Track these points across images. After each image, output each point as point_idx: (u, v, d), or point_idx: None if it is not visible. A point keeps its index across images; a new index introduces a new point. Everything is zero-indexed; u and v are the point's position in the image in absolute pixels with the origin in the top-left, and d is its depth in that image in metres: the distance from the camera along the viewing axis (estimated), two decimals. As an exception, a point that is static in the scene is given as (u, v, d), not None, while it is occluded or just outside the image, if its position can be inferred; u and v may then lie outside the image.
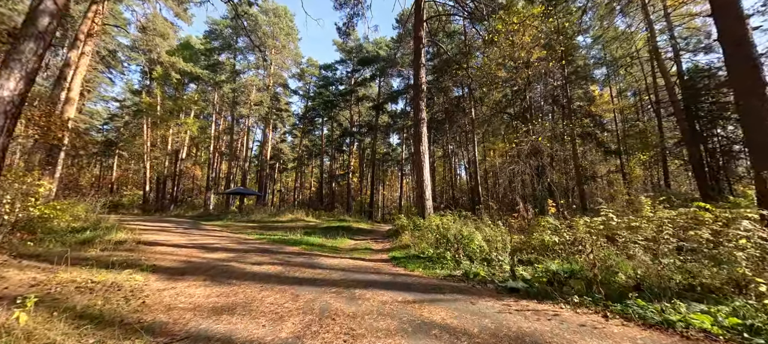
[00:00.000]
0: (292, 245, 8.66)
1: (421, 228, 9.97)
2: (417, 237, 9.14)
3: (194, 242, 8.22)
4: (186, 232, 10.61)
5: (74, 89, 18.04)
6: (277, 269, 5.31)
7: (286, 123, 42.53)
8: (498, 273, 5.33)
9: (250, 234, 11.42)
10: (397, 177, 55.35)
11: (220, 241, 8.65)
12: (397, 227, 11.20)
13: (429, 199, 11.17)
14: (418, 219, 10.55)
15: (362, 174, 43.50)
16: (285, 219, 18.77)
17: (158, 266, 5.00)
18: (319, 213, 29.93)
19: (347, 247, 9.23)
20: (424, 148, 11.65)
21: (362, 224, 18.34)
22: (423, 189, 11.19)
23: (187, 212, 28.17)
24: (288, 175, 58.00)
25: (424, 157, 11.55)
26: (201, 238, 9.14)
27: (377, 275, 5.20)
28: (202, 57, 31.57)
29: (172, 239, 8.56)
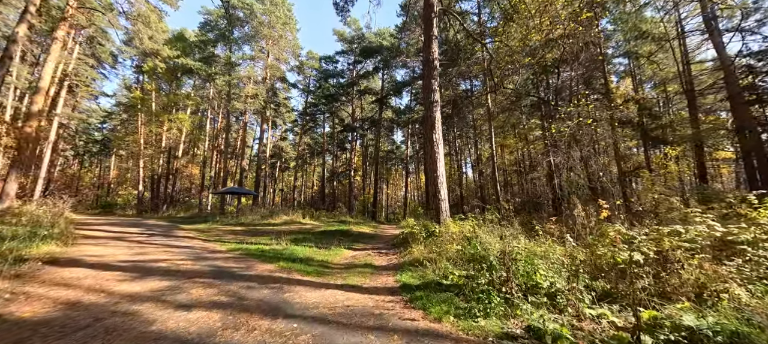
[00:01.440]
0: (268, 261, 6.44)
1: (437, 237, 7.71)
2: (433, 251, 6.87)
3: (137, 258, 6.03)
4: (145, 242, 8.42)
5: (45, 78, 15.98)
6: (211, 321, 3.07)
7: (286, 120, 40.40)
8: (587, 327, 3.05)
9: (226, 242, 9.21)
10: (401, 175, 53.10)
11: (175, 256, 6.45)
12: (406, 234, 8.92)
13: (444, 200, 8.89)
14: (432, 225, 8.27)
15: (365, 172, 41.27)
16: (278, 222, 16.58)
17: (7, 317, 2.82)
18: (319, 213, 27.74)
19: (342, 262, 6.98)
20: (437, 137, 9.36)
21: (364, 227, 16.10)
22: (437, 188, 8.91)
23: (179, 213, 26.14)
24: (290, 174, 56.02)
25: (437, 148, 9.27)
26: (154, 251, 6.95)
27: (382, 335, 2.93)
28: (196, 50, 29.51)
29: (113, 253, 6.40)
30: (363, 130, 28.82)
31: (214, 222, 15.76)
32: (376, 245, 10.11)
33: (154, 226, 12.88)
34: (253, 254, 7.17)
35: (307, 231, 13.34)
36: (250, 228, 13.69)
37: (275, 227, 14.62)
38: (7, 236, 6.39)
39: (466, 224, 8.06)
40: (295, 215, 18.78)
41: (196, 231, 12.20)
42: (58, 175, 45.72)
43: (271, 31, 26.04)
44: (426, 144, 9.66)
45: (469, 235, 7.48)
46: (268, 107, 28.75)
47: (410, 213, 28.48)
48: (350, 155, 33.76)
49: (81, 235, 9.02)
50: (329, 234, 12.14)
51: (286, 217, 18.01)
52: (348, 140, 34.49)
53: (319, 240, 10.68)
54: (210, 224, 15.16)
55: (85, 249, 6.84)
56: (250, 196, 29.46)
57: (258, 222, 16.20)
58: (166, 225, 13.98)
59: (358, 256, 7.87)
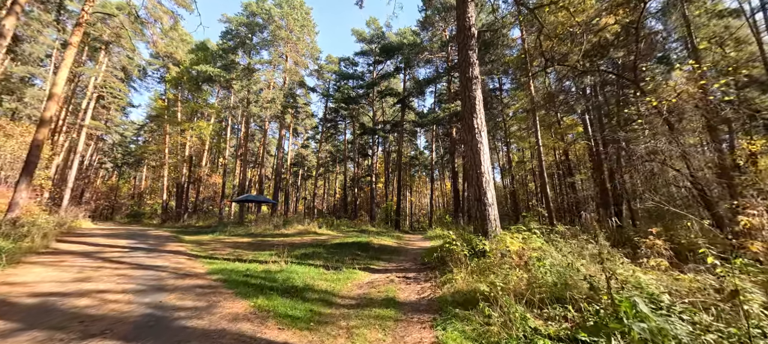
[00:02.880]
0: (246, 295, 4.40)
1: (488, 258, 5.37)
2: (487, 280, 4.54)
3: (67, 289, 4.22)
4: (114, 260, 6.69)
5: (58, 84, 15.19)
6: None
7: (306, 127, 39.29)
8: None
9: (215, 260, 7.32)
10: (425, 182, 50.44)
11: (122, 285, 4.57)
12: (441, 250, 6.60)
13: (492, 205, 6.53)
14: (478, 240, 5.90)
15: (387, 179, 39.14)
16: (291, 232, 14.73)
17: None
18: (339, 222, 25.85)
19: (352, 294, 4.82)
20: (479, 123, 7.07)
21: (386, 238, 13.86)
22: (481, 189, 6.58)
23: (198, 222, 25.20)
24: (313, 182, 55.05)
25: (480, 136, 6.96)
26: (105, 276, 5.14)
27: None
28: (218, 59, 29.02)
29: (51, 277, 4.66)
30: (384, 133, 26.78)
31: (222, 233, 14.15)
32: (400, 263, 7.85)
33: (151, 238, 11.37)
34: (233, 281, 5.16)
35: (321, 243, 11.32)
36: (257, 240, 11.87)
37: (286, 238, 12.74)
38: None
39: (532, 239, 5.66)
40: (310, 224, 16.91)
41: (194, 243, 10.50)
42: (99, 186, 47.39)
43: (288, 34, 24.88)
44: (464, 132, 7.36)
45: (538, 255, 5.10)
46: (287, 112, 27.52)
47: (436, 222, 25.87)
48: (372, 161, 31.82)
49: (51, 250, 7.51)
50: (345, 248, 10.03)
51: (300, 227, 16.17)
52: (369, 145, 32.60)
53: (332, 255, 8.59)
54: (216, 235, 13.55)
55: (26, 270, 5.16)
56: (269, 205, 28.19)
57: (269, 232, 14.43)
58: (166, 236, 12.49)
59: (376, 282, 5.66)
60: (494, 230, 6.31)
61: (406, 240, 14.29)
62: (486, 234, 6.22)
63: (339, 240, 12.37)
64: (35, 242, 7.94)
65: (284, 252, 8.55)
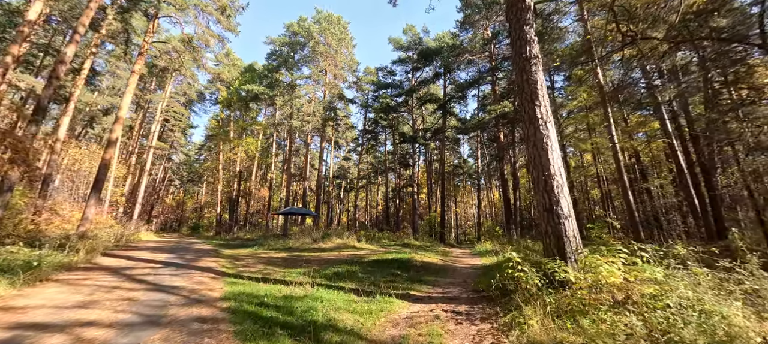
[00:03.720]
0: (251, 339, 3.42)
1: (574, 290, 3.83)
2: (580, 331, 3.02)
3: (56, 319, 3.60)
4: (139, 278, 6.29)
5: (123, 108, 16.57)
6: None
7: (347, 139, 39.40)
8: None
9: (238, 280, 6.61)
10: (470, 192, 47.59)
11: (116, 315, 3.87)
12: (503, 278, 5.09)
13: (569, 218, 4.92)
14: (555, 265, 4.32)
15: (430, 189, 37.41)
16: (329, 246, 13.97)
17: None
18: (381, 235, 24.83)
19: (385, 338, 3.63)
20: (543, 112, 5.55)
21: (430, 254, 12.39)
22: (552, 195, 5.02)
23: (247, 235, 25.92)
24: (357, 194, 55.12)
25: (546, 129, 5.44)
26: (112, 300, 4.57)
27: None
28: (264, 78, 30.38)
29: (52, 301, 4.16)
30: (425, 140, 25.43)
31: (262, 246, 13.85)
32: (447, 288, 6.44)
33: (193, 251, 11.30)
34: (243, 311, 4.26)
35: (358, 259, 10.29)
36: (292, 255, 11.24)
37: (322, 253, 11.96)
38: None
39: (641, 267, 3.99)
40: (349, 238, 16.06)
41: (230, 258, 10.11)
42: (168, 202, 52.40)
43: (327, 49, 25.07)
44: (524, 125, 5.86)
45: (653, 291, 3.45)
46: (328, 125, 27.60)
47: (485, 234, 23.56)
48: (413, 171, 30.55)
49: (89, 266, 7.44)
50: (383, 266, 8.87)
51: (339, 240, 15.38)
52: (410, 154, 31.40)
53: (368, 275, 7.48)
54: (255, 249, 13.25)
55: (40, 291, 4.82)
56: (312, 217, 28.22)
57: (306, 246, 13.82)
58: (208, 249, 12.44)
59: (417, 318, 4.37)
60: (574, 250, 4.68)
61: (453, 257, 12.67)
62: (563, 256, 4.62)
63: (378, 255, 11.23)
64: (79, 256, 8.01)
65: (315, 271, 7.65)
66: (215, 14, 17.33)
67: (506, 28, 22.65)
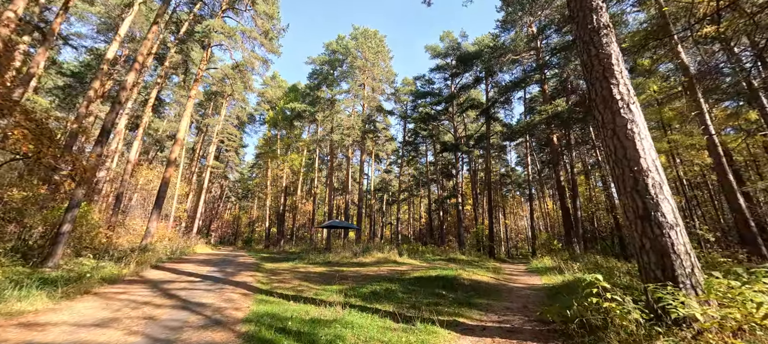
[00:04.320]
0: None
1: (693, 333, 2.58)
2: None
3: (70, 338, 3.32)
4: (171, 292, 6.12)
5: (181, 130, 17.93)
6: None
7: (388, 151, 39.07)
8: None
9: (269, 299, 6.15)
10: (520, 202, 44.06)
11: (127, 336, 3.51)
12: (585, 306, 3.88)
13: (677, 226, 3.60)
14: (664, 292, 3.06)
15: (476, 200, 35.22)
16: (369, 261, 13.27)
17: None
18: (424, 249, 23.59)
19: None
20: (624, 90, 4.35)
21: (480, 271, 11.02)
22: (650, 198, 3.76)
23: (292, 248, 26.41)
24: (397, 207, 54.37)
25: (630, 112, 4.22)
26: (137, 320, 4.29)
27: None
28: (306, 97, 31.55)
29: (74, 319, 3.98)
30: (468, 148, 23.94)
31: (302, 260, 13.62)
32: (504, 316, 5.28)
33: (236, 264, 11.34)
34: (261, 339, 3.66)
35: (399, 276, 9.42)
36: (330, 270, 10.71)
37: (362, 268, 11.28)
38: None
39: None
40: (390, 252, 15.22)
41: (269, 272, 9.88)
42: (225, 217, 56.50)
43: (364, 63, 25.19)
44: (598, 111, 4.65)
45: None
46: (367, 138, 27.49)
47: (541, 249, 21.08)
48: (456, 181, 28.98)
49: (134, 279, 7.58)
50: (426, 284, 7.89)
51: (380, 255, 14.62)
52: (452, 164, 29.95)
53: (408, 294, 6.60)
54: (296, 263, 13.03)
55: (73, 305, 4.77)
56: (355, 230, 27.97)
57: (346, 261, 13.27)
58: (250, 263, 12.47)
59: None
60: (689, 273, 3.36)
61: (506, 274, 11.15)
62: (674, 279, 3.33)
63: (420, 272, 10.24)
64: (129, 268, 8.28)
65: (351, 289, 6.95)
66: (259, 38, 18.25)
67: (553, 22, 20.71)
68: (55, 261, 8.46)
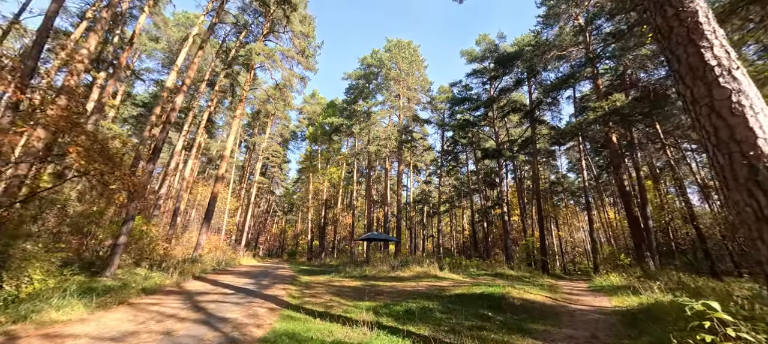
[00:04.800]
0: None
1: None
2: None
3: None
4: (200, 305, 6.02)
5: (228, 147, 19.04)
6: None
7: (426, 162, 38.12)
8: None
9: (295, 315, 5.76)
10: (574, 212, 39.90)
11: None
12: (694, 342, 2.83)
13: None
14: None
15: (523, 210, 32.54)
16: (407, 275, 12.49)
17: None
18: (468, 263, 22.09)
19: None
20: (720, 54, 3.27)
21: (532, 288, 9.66)
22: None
23: (332, 261, 26.44)
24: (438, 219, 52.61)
25: (733, 80, 3.14)
26: (151, 334, 4.12)
27: None
28: (343, 111, 32.18)
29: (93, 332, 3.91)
30: (512, 153, 22.19)
31: (339, 274, 13.28)
32: (567, 346, 4.25)
33: (272, 277, 11.32)
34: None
35: (438, 292, 8.57)
36: (365, 285, 10.17)
37: (399, 283, 10.57)
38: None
39: None
40: (430, 266, 14.26)
41: (302, 286, 9.62)
42: (273, 231, 59.27)
43: (398, 73, 25.01)
44: (684, 84, 3.60)
45: None
46: (404, 148, 26.99)
47: (604, 264, 18.43)
48: (500, 190, 27.06)
49: (172, 289, 7.72)
50: (469, 303, 6.98)
51: (419, 269, 13.75)
52: (495, 171, 28.13)
53: (448, 315, 5.79)
54: (332, 276, 12.71)
55: (103, 315, 4.80)
56: (393, 243, 27.29)
57: (383, 274, 12.64)
58: (287, 275, 12.41)
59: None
60: None
61: (565, 293, 9.64)
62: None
63: (463, 288, 9.26)
64: (171, 279, 8.53)
65: (384, 306, 6.32)
66: (296, 57, 18.96)
67: (603, 10, 18.63)
68: (112, 270, 9.04)
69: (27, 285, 5.12)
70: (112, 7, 11.95)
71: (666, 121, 19.48)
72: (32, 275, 5.16)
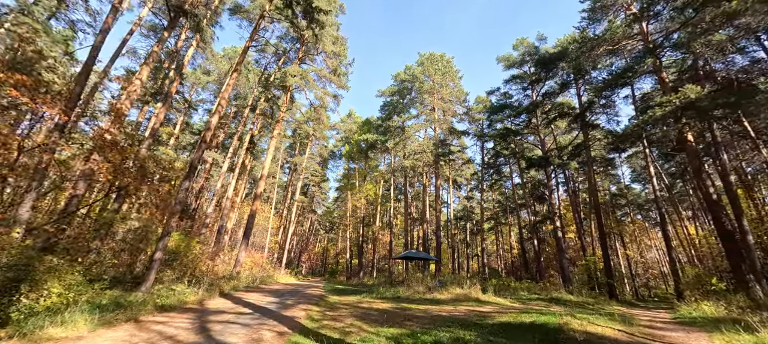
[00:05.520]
0: None
1: None
2: None
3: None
4: (207, 328, 5.55)
5: (266, 166, 19.57)
6: None
7: (466, 176, 36.15)
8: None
9: None
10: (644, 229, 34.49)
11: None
12: None
13: None
14: None
15: (580, 226, 28.84)
16: (445, 297, 11.16)
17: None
18: (517, 285, 19.83)
19: None
20: None
21: (600, 320, 7.78)
22: None
23: (370, 281, 25.53)
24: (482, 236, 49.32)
25: None
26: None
27: None
28: (378, 129, 32.08)
29: None
30: (561, 160, 19.73)
31: (370, 294, 12.34)
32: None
33: (298, 296, 10.75)
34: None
35: (478, 319, 7.27)
36: (397, 307, 9.13)
37: (434, 306, 9.36)
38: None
39: None
40: (472, 288, 12.70)
41: (327, 307, 8.89)
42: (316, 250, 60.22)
43: (431, 85, 24.28)
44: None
45: None
46: (442, 162, 25.75)
47: (691, 288, 14.93)
48: (550, 203, 24.29)
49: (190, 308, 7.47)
50: (515, 335, 5.66)
51: (458, 290, 12.28)
52: (543, 183, 25.50)
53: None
54: (362, 296, 11.81)
55: (100, 334, 4.49)
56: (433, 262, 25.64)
57: (417, 296, 11.45)
58: (315, 295, 11.76)
59: None
60: None
61: (644, 326, 7.60)
62: None
63: (509, 316, 7.80)
64: (197, 295, 8.35)
65: (411, 335, 5.32)
66: (328, 76, 19.25)
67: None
68: (147, 286, 9.16)
69: (46, 298, 5.03)
70: (162, 41, 13.03)
71: (756, 116, 16.06)
72: (51, 288, 5.08)
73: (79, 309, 4.96)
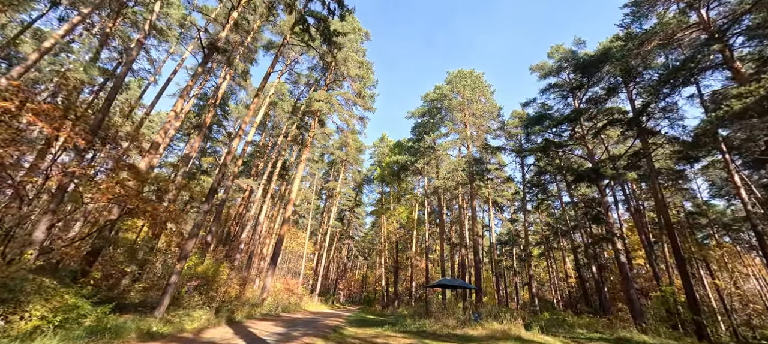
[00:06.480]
0: None
1: None
2: None
3: None
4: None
5: (293, 191, 19.64)
6: None
7: (507, 196, 33.27)
8: None
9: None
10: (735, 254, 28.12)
11: None
12: None
13: None
14: None
15: (650, 249, 24.31)
16: (479, 334, 9.43)
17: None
18: (576, 320, 16.92)
19: None
20: None
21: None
22: None
23: (403, 310, 23.64)
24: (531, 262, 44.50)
25: None
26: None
27: None
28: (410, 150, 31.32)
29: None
30: (615, 171, 16.81)
31: (392, 327, 10.93)
32: None
33: (314, 327, 9.81)
34: None
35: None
36: (420, 343, 7.74)
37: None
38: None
39: None
40: (513, 323, 10.71)
41: (340, 338, 7.84)
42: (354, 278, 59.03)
43: (461, 101, 23.18)
44: None
45: None
46: (479, 181, 23.91)
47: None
48: (608, 224, 20.91)
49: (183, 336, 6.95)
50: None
51: (497, 325, 10.40)
52: (597, 201, 22.29)
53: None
54: (384, 329, 10.48)
55: None
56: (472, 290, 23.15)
57: (445, 331, 9.85)
58: (333, 324, 10.69)
59: None
60: None
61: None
62: None
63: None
64: (200, 322, 7.87)
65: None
66: (353, 98, 19.26)
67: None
68: (161, 311, 8.96)
69: (27, 321, 4.78)
70: (196, 76, 13.93)
71: None
72: (33, 311, 4.83)
73: (59, 335, 4.62)
